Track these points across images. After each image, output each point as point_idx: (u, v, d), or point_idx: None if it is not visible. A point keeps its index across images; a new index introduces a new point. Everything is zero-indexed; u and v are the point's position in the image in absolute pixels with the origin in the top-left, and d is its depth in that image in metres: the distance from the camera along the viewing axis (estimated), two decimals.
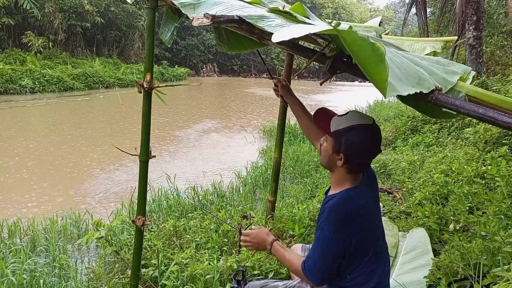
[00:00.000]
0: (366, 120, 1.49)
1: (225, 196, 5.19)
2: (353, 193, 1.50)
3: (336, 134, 1.49)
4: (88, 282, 3.07)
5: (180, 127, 11.92)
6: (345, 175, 1.53)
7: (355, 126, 1.46)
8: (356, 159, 1.49)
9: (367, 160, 1.54)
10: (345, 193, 1.50)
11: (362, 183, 1.55)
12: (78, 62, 25.49)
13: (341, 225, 1.44)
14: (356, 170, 1.53)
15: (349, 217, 1.46)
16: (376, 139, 1.51)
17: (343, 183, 1.54)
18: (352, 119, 1.49)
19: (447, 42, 2.26)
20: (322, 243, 1.47)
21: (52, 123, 12.09)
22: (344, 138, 1.47)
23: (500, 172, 2.96)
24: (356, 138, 1.46)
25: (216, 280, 2.59)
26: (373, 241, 1.54)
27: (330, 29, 0.98)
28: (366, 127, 1.47)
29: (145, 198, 2.05)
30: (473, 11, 6.69)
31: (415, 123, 6.96)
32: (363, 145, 1.47)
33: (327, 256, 1.46)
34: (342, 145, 1.48)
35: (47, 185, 6.27)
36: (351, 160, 1.49)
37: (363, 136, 1.47)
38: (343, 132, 1.48)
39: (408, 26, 19.51)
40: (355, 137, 1.46)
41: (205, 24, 1.19)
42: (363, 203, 1.51)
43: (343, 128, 1.48)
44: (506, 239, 2.09)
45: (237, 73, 44.72)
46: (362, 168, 1.55)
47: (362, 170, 1.56)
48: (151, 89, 1.84)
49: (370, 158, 1.55)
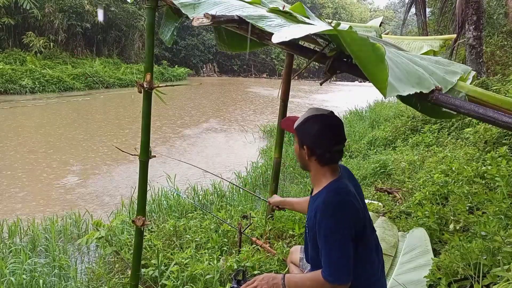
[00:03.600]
0: (322, 112, 1.60)
1: (225, 196, 5.19)
2: (337, 184, 1.55)
3: (297, 130, 1.63)
4: (88, 282, 3.07)
5: (180, 127, 11.92)
6: (320, 169, 1.59)
7: (310, 117, 1.59)
8: (320, 148, 1.55)
9: (331, 148, 1.56)
10: (329, 185, 1.55)
11: (342, 176, 1.59)
12: (78, 62, 25.51)
13: (340, 214, 1.46)
14: (326, 161, 1.57)
15: (343, 204, 1.48)
16: (333, 126, 1.58)
17: (322, 178, 1.58)
18: (308, 113, 1.62)
19: (446, 41, 2.25)
20: (331, 240, 1.45)
21: (52, 123, 12.09)
22: (302, 130, 1.60)
23: (500, 172, 2.96)
24: (312, 127, 1.57)
25: (216, 280, 2.59)
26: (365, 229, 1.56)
27: (330, 29, 0.98)
28: (321, 116, 1.58)
29: (145, 198, 2.05)
30: (473, 11, 6.68)
31: (415, 123, 6.96)
32: (320, 133, 1.56)
33: (342, 249, 1.44)
34: (303, 137, 1.60)
35: (47, 185, 6.27)
36: (315, 150, 1.56)
37: (318, 124, 1.57)
38: (301, 125, 1.61)
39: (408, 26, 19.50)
40: (311, 126, 1.58)
41: (205, 24, 1.19)
42: (350, 191, 1.54)
43: (302, 121, 1.61)
44: (506, 239, 2.09)
45: (237, 73, 44.71)
46: (331, 157, 1.58)
47: (332, 159, 1.58)
48: (151, 89, 1.84)
49: (333, 145, 1.57)
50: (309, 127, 1.58)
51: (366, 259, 1.57)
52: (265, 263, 2.71)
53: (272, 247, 2.96)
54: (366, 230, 1.56)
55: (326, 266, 1.46)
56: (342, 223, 1.45)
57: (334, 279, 1.44)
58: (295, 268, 2.04)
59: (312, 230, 1.54)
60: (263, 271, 2.62)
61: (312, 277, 1.55)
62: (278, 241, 3.04)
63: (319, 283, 1.48)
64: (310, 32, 1.02)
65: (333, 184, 1.54)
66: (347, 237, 1.45)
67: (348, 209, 1.48)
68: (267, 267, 2.65)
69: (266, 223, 3.32)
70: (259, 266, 2.67)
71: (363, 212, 1.56)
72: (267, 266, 2.67)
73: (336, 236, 1.44)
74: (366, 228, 1.57)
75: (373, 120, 10.52)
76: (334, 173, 1.58)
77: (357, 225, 1.49)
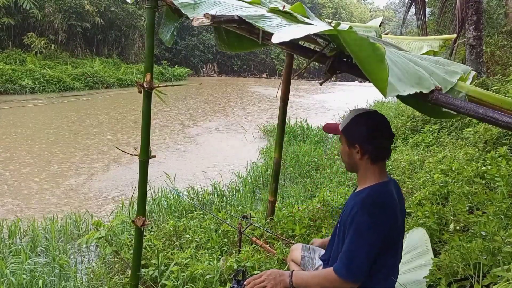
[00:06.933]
0: (366, 110, 1.60)
1: (225, 196, 5.19)
2: (382, 187, 1.53)
3: (345, 130, 1.61)
4: (88, 282, 3.07)
5: (180, 127, 11.92)
6: (369, 167, 1.56)
7: (358, 115, 1.59)
8: (371, 144, 1.54)
9: (382, 143, 1.55)
10: (376, 186, 1.53)
11: (390, 183, 1.57)
12: (78, 62, 25.51)
13: (378, 214, 1.44)
14: (377, 157, 1.55)
15: (384, 207, 1.47)
16: (382, 120, 1.57)
17: (370, 176, 1.56)
18: (354, 113, 1.61)
19: (446, 41, 2.25)
20: (357, 236, 1.43)
21: (52, 122, 12.09)
22: (352, 129, 1.59)
23: (500, 172, 2.96)
24: (362, 123, 1.56)
25: (216, 280, 2.59)
26: (398, 239, 1.55)
27: (330, 29, 0.98)
28: (368, 114, 1.58)
29: (145, 198, 2.05)
30: (473, 11, 6.68)
31: (415, 123, 6.95)
32: (371, 128, 1.54)
33: (369, 249, 1.42)
34: (353, 136, 1.58)
35: (48, 185, 6.26)
36: (367, 147, 1.54)
37: (367, 120, 1.56)
38: (350, 125, 1.59)
39: (408, 26, 19.50)
40: (361, 123, 1.56)
41: (205, 24, 1.19)
42: (393, 197, 1.52)
43: (349, 121, 1.60)
44: (506, 239, 2.08)
45: (237, 73, 44.70)
46: (383, 152, 1.57)
47: (383, 156, 1.57)
48: (151, 89, 1.84)
49: (384, 140, 1.56)
50: (358, 126, 1.57)
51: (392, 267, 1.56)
52: (265, 263, 2.70)
53: (272, 247, 2.96)
54: (399, 240, 1.56)
55: (345, 260, 1.44)
56: (378, 224, 1.43)
57: (349, 275, 1.43)
58: (296, 266, 2.03)
59: (344, 225, 1.53)
60: (263, 271, 2.62)
61: (321, 273, 1.55)
62: (278, 241, 3.04)
63: (329, 279, 1.46)
64: (310, 32, 1.02)
65: (379, 186, 1.53)
66: (377, 239, 1.43)
67: (387, 213, 1.46)
68: (267, 267, 2.65)
69: (265, 224, 3.32)
70: (259, 266, 2.67)
71: (401, 222, 1.55)
72: (267, 266, 2.67)
73: (368, 234, 1.42)
74: (399, 239, 1.56)
75: None
76: (383, 175, 1.57)
77: (392, 232, 1.48)
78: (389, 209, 1.47)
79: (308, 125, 9.78)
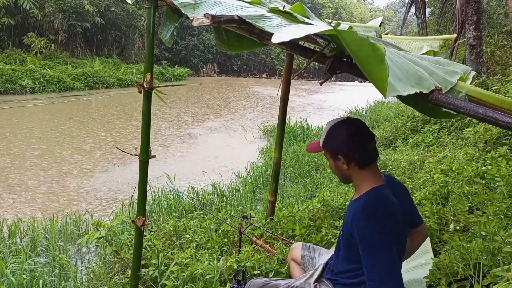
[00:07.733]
0: (339, 119, 1.61)
1: (225, 196, 5.19)
2: (378, 192, 1.51)
3: (325, 144, 1.61)
4: (88, 282, 3.07)
5: (181, 127, 11.92)
6: (360, 174, 1.55)
7: (332, 126, 1.59)
8: (354, 151, 1.53)
9: (365, 147, 1.53)
10: (372, 191, 1.51)
11: (385, 185, 1.55)
12: (78, 62, 25.52)
13: (382, 219, 1.42)
14: (364, 162, 1.54)
15: (386, 211, 1.45)
16: (359, 124, 1.57)
17: (362, 184, 1.55)
18: (328, 125, 1.62)
19: (446, 41, 2.25)
20: (374, 249, 1.40)
21: (52, 122, 12.09)
22: (332, 141, 1.58)
23: (500, 172, 2.96)
24: (339, 133, 1.56)
25: (216, 280, 2.58)
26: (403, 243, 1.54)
27: (330, 29, 0.98)
28: (342, 123, 1.58)
29: (145, 198, 2.05)
30: (473, 11, 6.68)
31: (415, 123, 6.95)
32: (350, 136, 1.54)
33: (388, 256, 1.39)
34: (334, 148, 1.58)
35: (48, 185, 6.27)
36: (351, 155, 1.53)
37: (344, 130, 1.56)
38: (328, 138, 1.59)
39: (408, 26, 19.50)
40: (338, 133, 1.56)
41: (205, 24, 1.19)
42: (391, 200, 1.51)
43: (326, 135, 1.60)
44: (506, 239, 2.08)
45: (237, 73, 44.69)
46: (368, 156, 1.54)
47: (369, 159, 1.55)
48: (151, 89, 1.84)
49: (365, 143, 1.54)
50: (336, 136, 1.56)
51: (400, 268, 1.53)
52: (265, 263, 2.70)
53: (272, 247, 2.96)
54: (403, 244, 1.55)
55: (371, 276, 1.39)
56: (385, 231, 1.41)
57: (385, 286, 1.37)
58: (296, 265, 2.04)
59: (346, 234, 1.53)
60: (263, 271, 2.62)
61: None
62: (278, 241, 3.03)
63: None
64: (310, 32, 1.02)
65: (374, 191, 1.51)
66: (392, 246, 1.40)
67: (386, 216, 1.44)
68: (267, 267, 2.65)
69: (264, 225, 3.31)
70: (259, 266, 2.67)
71: (403, 224, 1.53)
72: (267, 266, 2.67)
73: (381, 245, 1.40)
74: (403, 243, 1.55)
75: (373, 120, 10.53)
76: (377, 179, 1.55)
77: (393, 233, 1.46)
78: (387, 213, 1.46)
79: (308, 125, 9.78)
